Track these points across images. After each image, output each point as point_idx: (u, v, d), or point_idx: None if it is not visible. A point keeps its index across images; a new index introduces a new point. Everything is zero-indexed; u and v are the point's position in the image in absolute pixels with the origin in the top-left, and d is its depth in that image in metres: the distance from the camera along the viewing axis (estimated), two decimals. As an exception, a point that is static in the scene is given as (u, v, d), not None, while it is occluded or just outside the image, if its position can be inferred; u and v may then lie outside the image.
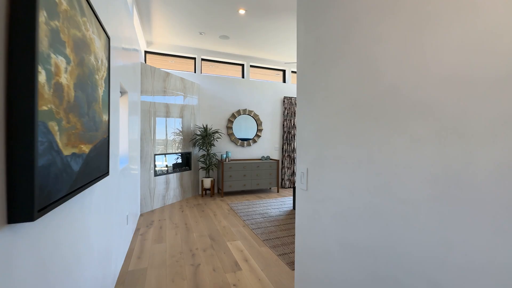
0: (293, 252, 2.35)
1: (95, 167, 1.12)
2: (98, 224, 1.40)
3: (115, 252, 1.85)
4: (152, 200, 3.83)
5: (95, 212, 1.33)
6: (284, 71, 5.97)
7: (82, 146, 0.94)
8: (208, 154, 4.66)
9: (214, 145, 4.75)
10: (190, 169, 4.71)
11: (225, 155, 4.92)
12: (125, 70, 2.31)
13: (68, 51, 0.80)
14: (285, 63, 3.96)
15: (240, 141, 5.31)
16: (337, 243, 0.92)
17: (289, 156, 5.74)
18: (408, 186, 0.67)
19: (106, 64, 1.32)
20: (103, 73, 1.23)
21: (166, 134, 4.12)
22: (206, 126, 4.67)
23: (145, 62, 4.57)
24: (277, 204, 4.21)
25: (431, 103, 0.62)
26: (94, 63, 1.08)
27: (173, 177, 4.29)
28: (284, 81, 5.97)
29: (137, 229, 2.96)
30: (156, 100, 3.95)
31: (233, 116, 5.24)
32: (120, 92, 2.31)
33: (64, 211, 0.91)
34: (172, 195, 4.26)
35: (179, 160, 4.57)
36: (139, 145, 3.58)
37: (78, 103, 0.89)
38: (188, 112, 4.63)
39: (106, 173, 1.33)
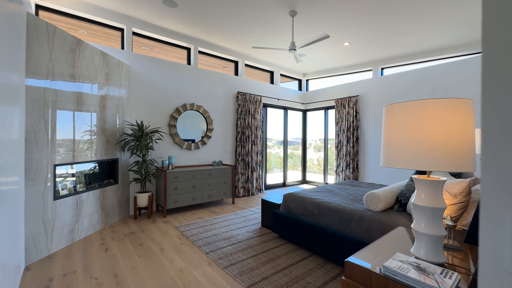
0: (299, 303, 1.65)
1: None
2: None
3: None
4: (49, 239, 2.40)
5: None
6: (236, 62, 5.22)
7: None
8: (145, 161, 3.43)
9: (153, 149, 3.54)
10: (116, 182, 3.36)
11: (167, 162, 3.77)
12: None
13: None
14: (253, 47, 3.22)
15: (186, 143, 4.24)
16: None
17: (243, 160, 5.03)
18: None
19: None
20: None
21: (74, 134, 2.72)
22: (142, 123, 3.43)
23: (37, 22, 2.96)
24: (239, 220, 3.43)
25: None
26: None
27: (88, 197, 2.90)
28: (236, 73, 5.22)
29: (15, 306, 1.63)
30: (57, 85, 2.52)
31: (178, 111, 4.13)
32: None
33: None
34: (87, 224, 2.87)
35: (99, 171, 3.17)
36: (23, 150, 2.14)
37: None
38: (113, 103, 3.28)
39: None
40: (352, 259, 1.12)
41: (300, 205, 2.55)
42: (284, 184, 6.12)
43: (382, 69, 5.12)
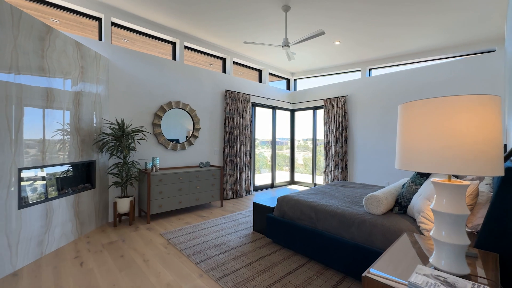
0: (303, 318, 1.52)
1: None
2: None
3: None
4: (14, 254, 2.09)
5: None
6: (224, 60, 5.03)
7: None
8: (126, 163, 3.16)
9: (135, 150, 3.27)
10: (93, 186, 3.05)
11: (151, 163, 3.51)
12: None
13: None
14: (245, 42, 3.06)
15: (171, 143, 3.98)
16: None
17: (231, 161, 4.85)
18: None
19: None
20: None
21: (44, 133, 2.41)
22: (122, 122, 3.15)
23: None
24: (229, 224, 3.25)
25: None
26: None
27: (60, 204, 2.59)
28: (224, 71, 5.03)
29: None
30: (23, 78, 2.21)
31: (162, 110, 3.86)
32: None
33: None
34: (59, 235, 2.56)
35: (73, 174, 2.86)
36: (-21, 152, 1.83)
37: None
38: (89, 100, 2.98)
39: None
40: (371, 274, 1.01)
41: (296, 208, 2.43)
42: (272, 185, 6.01)
43: (370, 69, 5.17)
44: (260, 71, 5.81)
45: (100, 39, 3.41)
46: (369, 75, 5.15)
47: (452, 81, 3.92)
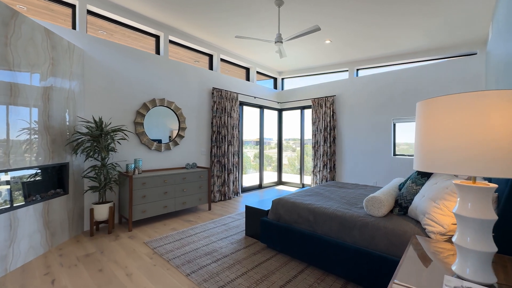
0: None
1: None
2: None
3: None
4: (-33, 274, 1.77)
5: None
6: (211, 56, 4.82)
7: None
8: (104, 165, 2.87)
9: (115, 151, 2.99)
10: (65, 192, 2.74)
11: (133, 165, 3.23)
12: None
13: None
14: (236, 36, 2.90)
15: (155, 143, 3.72)
16: None
17: (219, 161, 4.65)
18: None
19: None
20: None
21: (8, 132, 2.10)
22: (100, 120, 2.86)
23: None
24: (219, 229, 3.07)
25: None
26: None
27: (27, 213, 2.27)
28: (211, 68, 4.82)
29: None
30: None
31: (145, 107, 3.59)
32: None
33: None
34: (26, 248, 2.24)
35: (42, 179, 2.53)
36: None
37: None
38: (61, 95, 2.66)
39: None
40: (397, 284, 0.90)
41: (293, 211, 2.32)
42: (260, 186, 5.89)
43: (358, 70, 5.21)
44: (247, 69, 5.66)
45: (73, 27, 3.08)
46: (357, 76, 5.20)
47: (437, 82, 4.04)
